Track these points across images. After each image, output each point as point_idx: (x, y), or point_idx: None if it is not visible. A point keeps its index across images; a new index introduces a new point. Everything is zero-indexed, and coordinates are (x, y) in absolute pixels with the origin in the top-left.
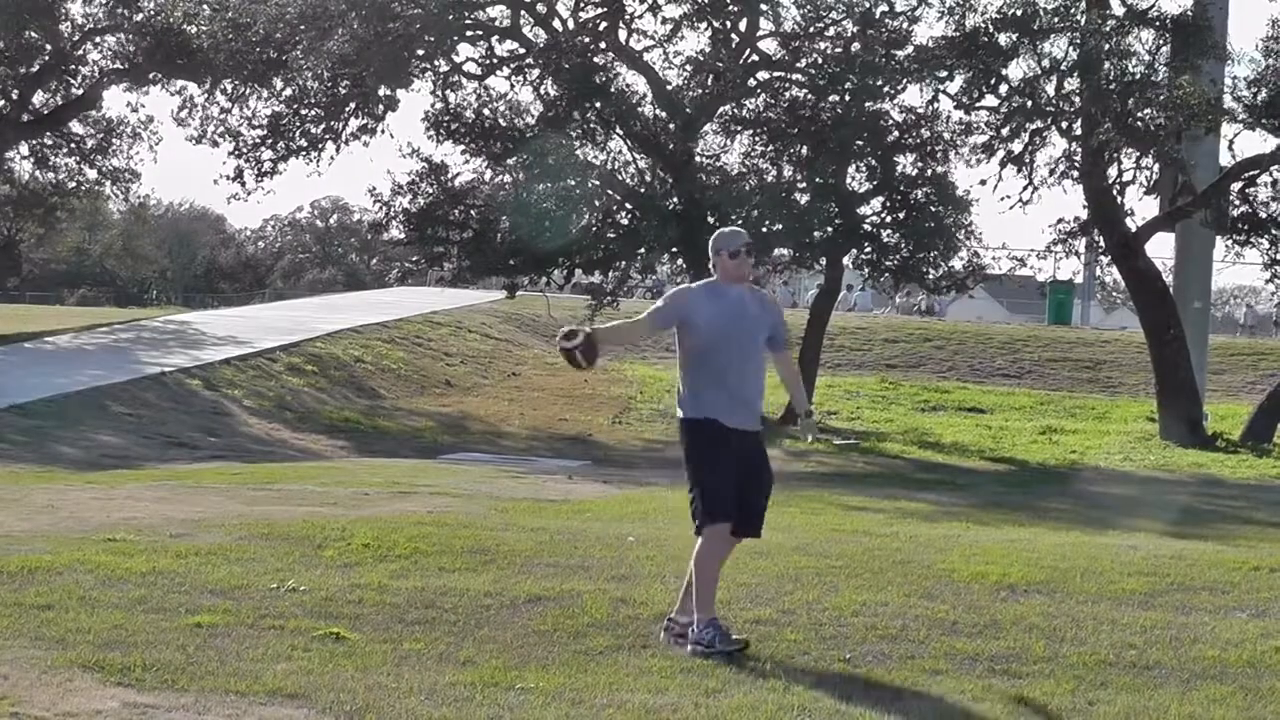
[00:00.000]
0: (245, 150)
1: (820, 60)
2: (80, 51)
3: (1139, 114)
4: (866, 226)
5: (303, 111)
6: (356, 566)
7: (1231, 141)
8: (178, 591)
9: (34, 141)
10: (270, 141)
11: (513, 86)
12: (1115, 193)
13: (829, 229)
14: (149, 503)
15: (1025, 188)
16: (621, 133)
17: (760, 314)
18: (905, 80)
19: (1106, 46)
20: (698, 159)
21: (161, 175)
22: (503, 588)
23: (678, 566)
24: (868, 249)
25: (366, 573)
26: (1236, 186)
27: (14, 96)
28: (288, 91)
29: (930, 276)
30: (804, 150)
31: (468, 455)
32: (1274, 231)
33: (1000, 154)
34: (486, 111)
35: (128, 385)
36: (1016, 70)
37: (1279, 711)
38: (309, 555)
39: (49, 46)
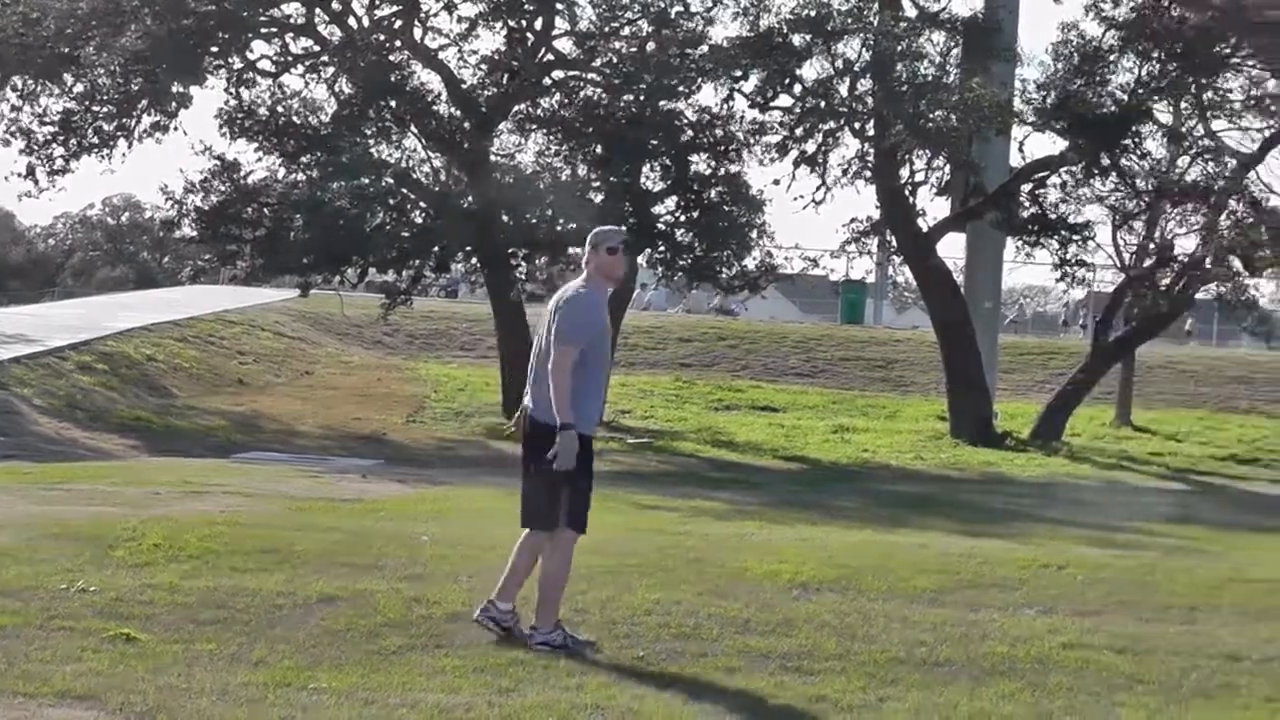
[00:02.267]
0: (37, 148)
1: (615, 60)
2: None
3: (931, 116)
4: (660, 226)
5: (95, 108)
6: (148, 567)
7: (1022, 144)
8: None
9: None
10: (62, 139)
11: (307, 84)
12: (907, 193)
13: (623, 228)
14: None
15: (818, 188)
16: (416, 131)
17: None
18: (700, 80)
19: (899, 48)
20: (493, 158)
21: None
22: (296, 587)
23: (472, 565)
24: (661, 248)
25: (158, 573)
26: (1026, 188)
27: None
28: (79, 88)
29: (724, 276)
30: (599, 149)
31: (261, 454)
32: (1063, 232)
33: (794, 154)
34: (281, 109)
35: None
36: (811, 71)
37: (1066, 707)
38: (100, 555)
39: None
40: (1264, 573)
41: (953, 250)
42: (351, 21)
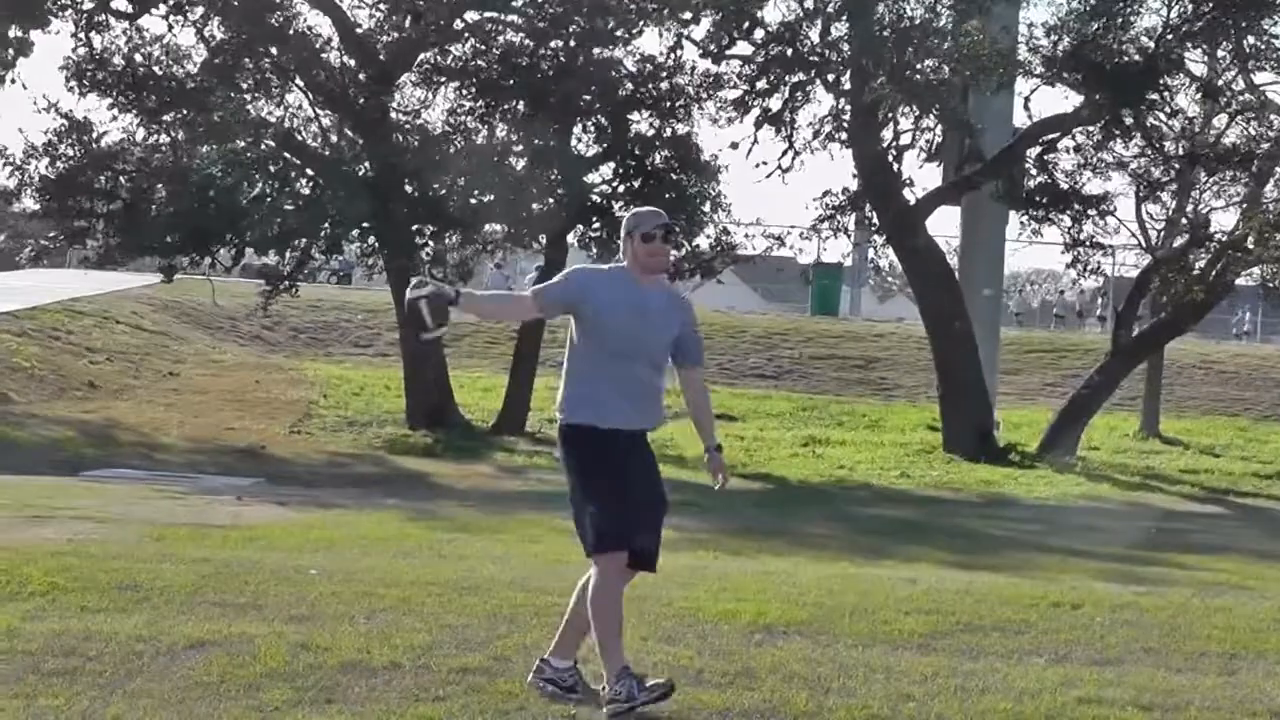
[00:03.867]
0: None
1: None
2: None
3: (918, 66)
4: (595, 197)
5: None
6: None
7: (1027, 100)
8: None
9: None
10: None
11: (171, 28)
12: (891, 159)
13: (550, 200)
14: None
15: (785, 152)
16: (302, 84)
17: (668, 316)
18: (641, 23)
19: None
20: (393, 116)
21: None
22: (159, 631)
23: (368, 604)
24: (596, 224)
25: None
26: (1033, 152)
27: None
28: None
29: (671, 257)
30: (520, 106)
31: (116, 472)
32: (1077, 205)
33: (755, 112)
34: (139, 58)
35: None
36: (774, 13)
37: None
38: None
39: None
40: None
41: (945, 228)
42: None
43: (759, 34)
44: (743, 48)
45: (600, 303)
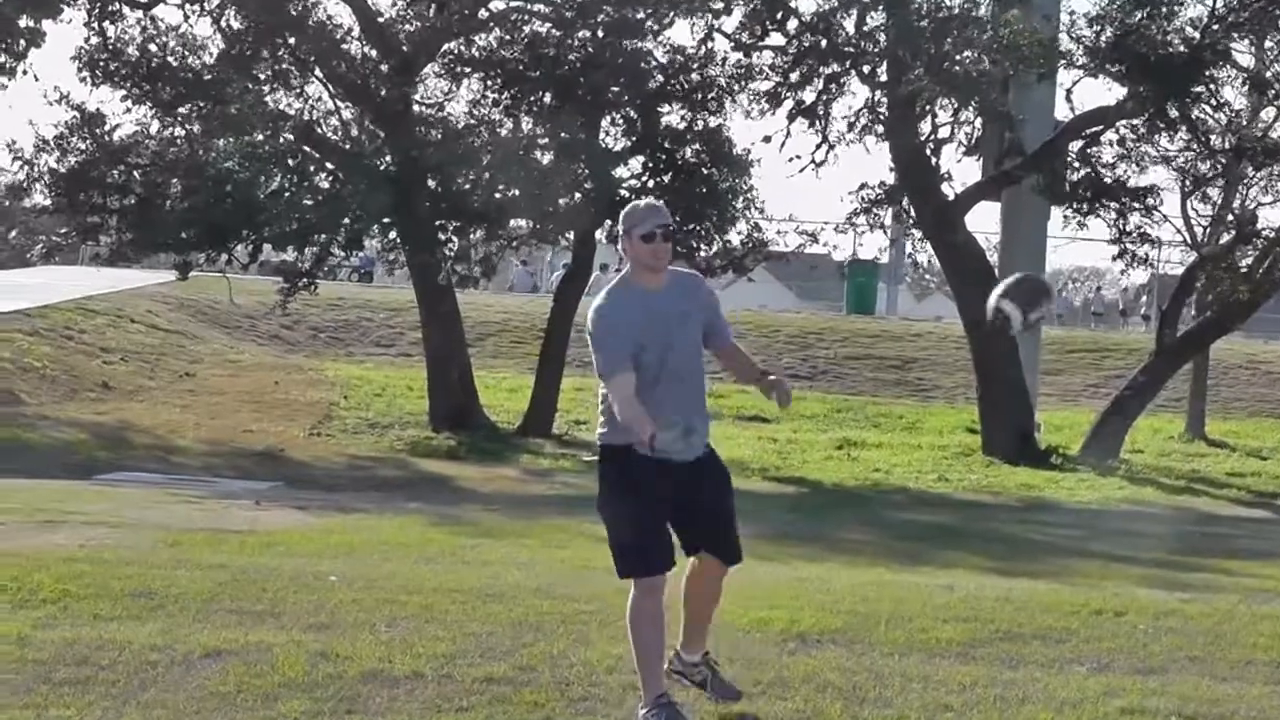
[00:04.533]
0: None
1: None
2: None
3: (957, 57)
4: (624, 192)
5: None
6: None
7: (1069, 91)
8: None
9: None
10: None
11: (187, 17)
12: (929, 153)
13: (577, 195)
14: None
15: (819, 146)
16: (322, 75)
17: (683, 305)
18: (672, 13)
19: None
20: (416, 108)
21: None
22: (174, 640)
23: (390, 611)
24: None
25: (3, 622)
26: (1076, 146)
27: None
28: None
29: (702, 254)
30: (547, 98)
31: (130, 475)
32: (1122, 199)
33: (788, 104)
34: (154, 48)
35: None
36: (808, 2)
37: None
38: None
39: None
40: None
41: (985, 223)
42: None
43: (792, 24)
44: (776, 38)
45: (644, 322)
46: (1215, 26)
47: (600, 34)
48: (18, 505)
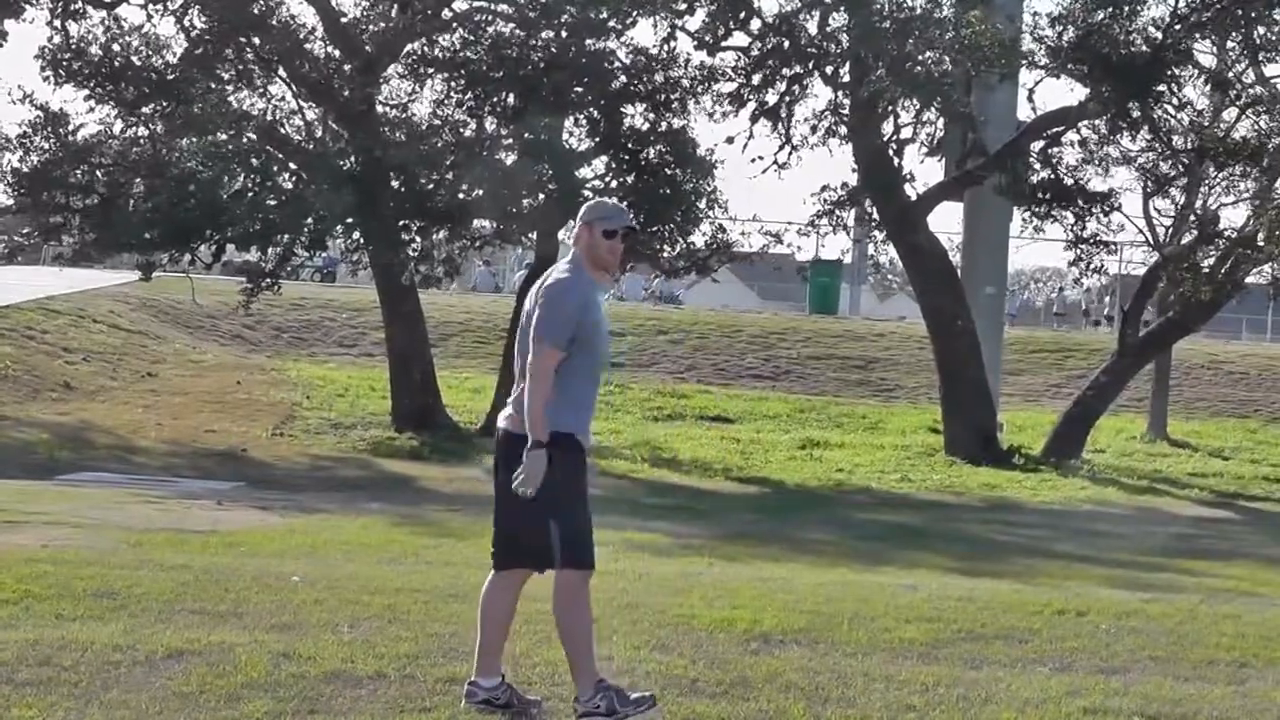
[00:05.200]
0: None
1: None
2: None
3: (919, 57)
4: (587, 192)
5: None
6: None
7: (1031, 92)
8: None
9: None
10: None
11: (150, 17)
12: (891, 154)
13: (541, 195)
14: None
15: (782, 147)
16: (285, 75)
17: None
18: (635, 13)
19: None
20: (379, 109)
21: None
22: (136, 640)
23: (352, 612)
24: None
25: None
26: (1037, 146)
27: None
28: None
29: (665, 255)
30: (510, 99)
31: (92, 475)
32: (1081, 202)
33: (751, 105)
34: (117, 47)
35: None
36: (771, 3)
37: None
38: None
39: None
40: None
41: (948, 224)
42: None
43: (755, 25)
44: (739, 39)
45: (595, 317)
46: (1177, 26)
47: (563, 34)
48: None
